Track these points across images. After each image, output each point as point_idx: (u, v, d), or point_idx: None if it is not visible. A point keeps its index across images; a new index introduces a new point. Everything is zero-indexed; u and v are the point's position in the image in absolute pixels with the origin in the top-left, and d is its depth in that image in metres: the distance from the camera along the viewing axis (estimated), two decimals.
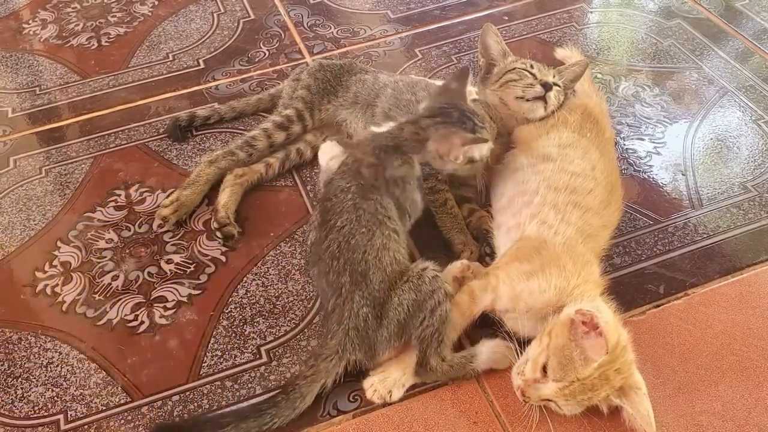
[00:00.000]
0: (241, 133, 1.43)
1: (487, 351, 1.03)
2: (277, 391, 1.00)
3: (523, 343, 1.05)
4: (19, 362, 1.10)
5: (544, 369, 0.94)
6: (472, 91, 1.33)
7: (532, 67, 1.29)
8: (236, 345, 1.11)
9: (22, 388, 1.07)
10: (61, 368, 1.09)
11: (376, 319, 0.99)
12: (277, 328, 1.13)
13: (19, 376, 1.08)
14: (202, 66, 1.65)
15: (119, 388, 1.06)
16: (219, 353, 1.10)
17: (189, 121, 1.46)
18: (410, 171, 1.07)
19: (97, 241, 1.27)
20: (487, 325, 1.09)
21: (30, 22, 1.82)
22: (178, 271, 1.22)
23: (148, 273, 1.22)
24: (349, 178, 1.05)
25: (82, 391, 1.06)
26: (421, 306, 0.98)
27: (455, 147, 1.05)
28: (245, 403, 1.03)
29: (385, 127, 1.11)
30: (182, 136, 1.45)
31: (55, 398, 1.05)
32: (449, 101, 1.09)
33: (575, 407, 0.95)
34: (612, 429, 0.98)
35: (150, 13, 1.83)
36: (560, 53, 1.60)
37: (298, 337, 1.12)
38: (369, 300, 0.99)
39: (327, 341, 1.01)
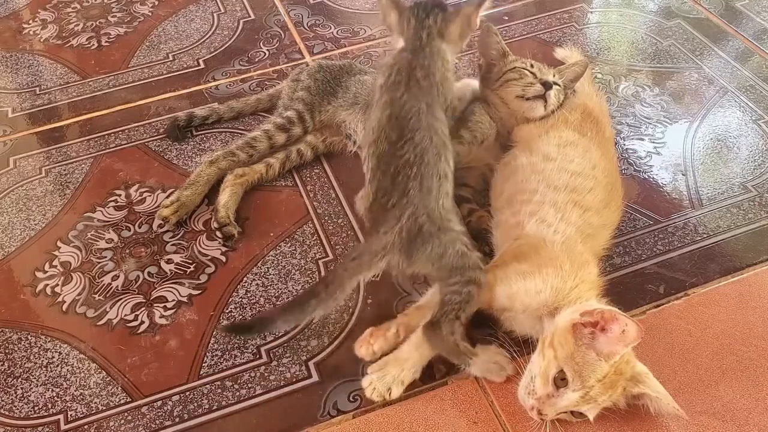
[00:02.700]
0: (241, 134, 1.43)
1: (481, 362, 1.03)
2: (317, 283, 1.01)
3: (522, 343, 1.06)
4: (19, 362, 1.10)
5: (554, 382, 0.93)
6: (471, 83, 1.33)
7: (532, 66, 1.29)
8: (236, 345, 1.11)
9: (22, 388, 1.07)
10: (61, 368, 1.09)
11: (425, 235, 0.99)
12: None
13: (19, 376, 1.08)
14: (202, 66, 1.65)
15: (119, 388, 1.06)
16: (219, 353, 1.10)
17: (187, 121, 1.46)
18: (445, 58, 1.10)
19: (97, 241, 1.27)
20: (486, 325, 1.10)
21: (30, 22, 1.82)
22: (178, 271, 1.22)
23: (148, 273, 1.22)
24: (416, 93, 1.06)
25: (82, 391, 1.06)
26: (463, 271, 0.99)
27: (473, 18, 1.10)
28: (245, 403, 1.03)
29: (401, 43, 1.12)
30: (181, 136, 1.45)
31: (55, 398, 1.05)
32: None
33: (595, 410, 0.94)
34: (616, 428, 0.98)
35: (150, 13, 1.83)
36: (560, 53, 1.60)
37: (298, 337, 1.12)
38: (427, 214, 0.99)
39: (378, 235, 0.99)
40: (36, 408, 1.04)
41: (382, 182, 1.03)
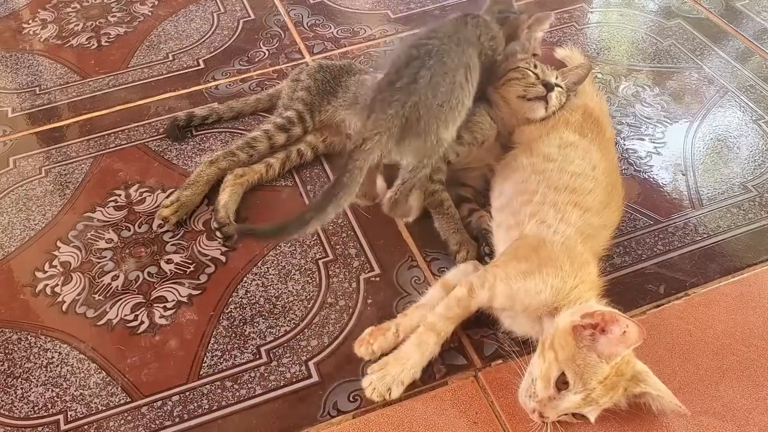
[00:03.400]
0: (241, 133, 1.43)
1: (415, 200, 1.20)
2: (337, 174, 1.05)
3: (522, 343, 1.06)
4: (19, 362, 1.10)
5: (556, 384, 0.93)
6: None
7: (535, 66, 1.29)
8: (236, 345, 1.11)
9: (22, 388, 1.07)
10: (61, 368, 1.09)
11: (420, 130, 1.07)
12: (277, 328, 1.13)
13: (19, 376, 1.08)
14: (202, 66, 1.65)
15: (119, 388, 1.06)
16: (219, 353, 1.10)
17: (187, 121, 1.46)
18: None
19: (97, 241, 1.27)
20: (486, 325, 1.10)
21: (30, 22, 1.82)
22: (178, 271, 1.22)
23: (148, 273, 1.22)
24: (459, 24, 1.19)
25: (82, 391, 1.06)
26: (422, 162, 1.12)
27: (520, 29, 1.26)
28: (245, 403, 1.03)
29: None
30: (181, 136, 1.45)
31: (55, 398, 1.05)
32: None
33: (596, 411, 0.94)
34: (616, 428, 0.98)
35: (150, 13, 1.83)
36: (560, 53, 1.60)
37: (298, 337, 1.12)
38: (426, 109, 1.06)
39: (386, 115, 1.05)
40: (36, 408, 1.04)
41: (400, 62, 1.10)
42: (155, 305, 1.17)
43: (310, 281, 1.19)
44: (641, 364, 0.96)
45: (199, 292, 1.19)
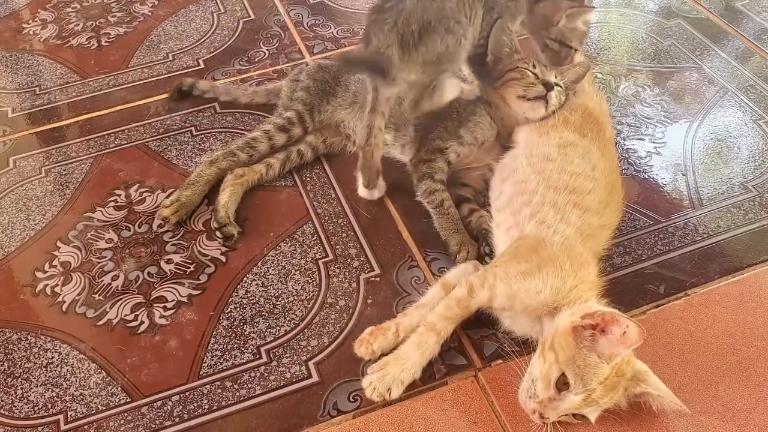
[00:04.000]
0: (241, 134, 1.43)
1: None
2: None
3: (522, 343, 1.06)
4: (19, 362, 1.10)
5: (556, 385, 0.92)
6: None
7: (534, 66, 1.29)
8: (236, 345, 1.11)
9: (22, 388, 1.07)
10: (61, 368, 1.09)
11: (418, 43, 1.13)
12: (277, 328, 1.13)
13: (19, 376, 1.08)
14: (202, 66, 1.65)
15: (119, 388, 1.06)
16: (219, 353, 1.10)
17: (190, 87, 1.53)
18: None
19: (97, 241, 1.27)
20: (486, 325, 1.10)
21: (30, 22, 1.82)
22: (178, 271, 1.22)
23: (148, 273, 1.22)
24: None
25: (82, 391, 1.06)
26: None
27: (558, 14, 1.28)
28: (245, 403, 1.03)
29: None
30: (179, 98, 1.53)
31: (55, 398, 1.05)
32: None
33: (596, 412, 0.94)
34: (617, 428, 0.98)
35: (150, 13, 1.83)
36: None
37: (298, 337, 1.12)
38: (418, 23, 1.11)
39: (383, 31, 1.12)
40: (36, 408, 1.04)
41: None
42: (155, 305, 1.17)
43: (310, 281, 1.19)
44: (641, 364, 0.96)
45: (199, 292, 1.19)
